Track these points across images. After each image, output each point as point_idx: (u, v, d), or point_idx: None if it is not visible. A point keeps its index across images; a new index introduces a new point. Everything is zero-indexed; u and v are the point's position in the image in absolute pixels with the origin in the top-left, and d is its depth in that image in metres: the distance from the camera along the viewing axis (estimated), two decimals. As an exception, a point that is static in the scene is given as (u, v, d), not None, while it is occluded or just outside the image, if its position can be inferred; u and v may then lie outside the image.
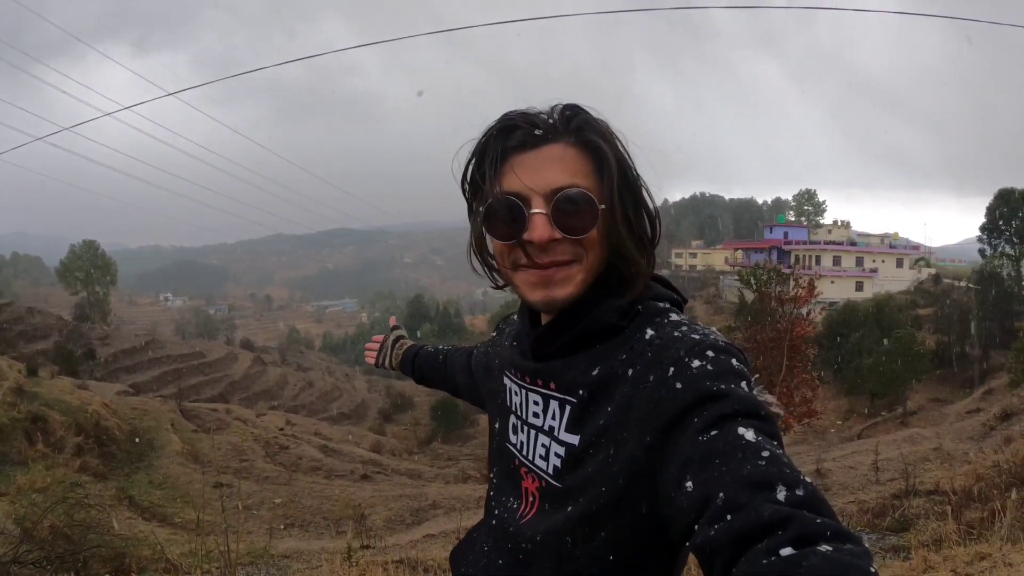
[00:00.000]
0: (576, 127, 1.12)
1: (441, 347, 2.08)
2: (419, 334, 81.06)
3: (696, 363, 0.99)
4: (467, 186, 1.19)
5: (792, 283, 22.39)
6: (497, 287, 1.26)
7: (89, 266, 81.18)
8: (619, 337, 1.13)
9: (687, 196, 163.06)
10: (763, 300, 23.38)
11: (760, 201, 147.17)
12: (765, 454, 0.85)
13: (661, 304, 1.17)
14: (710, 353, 1.00)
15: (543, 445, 1.18)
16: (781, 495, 0.79)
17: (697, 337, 1.04)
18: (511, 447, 1.29)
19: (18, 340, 44.37)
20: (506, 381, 1.34)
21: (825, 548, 0.72)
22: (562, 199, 1.08)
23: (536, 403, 1.21)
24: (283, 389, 50.55)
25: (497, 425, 1.38)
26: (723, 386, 0.95)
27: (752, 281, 24.14)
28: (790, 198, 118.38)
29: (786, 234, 71.29)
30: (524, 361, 1.25)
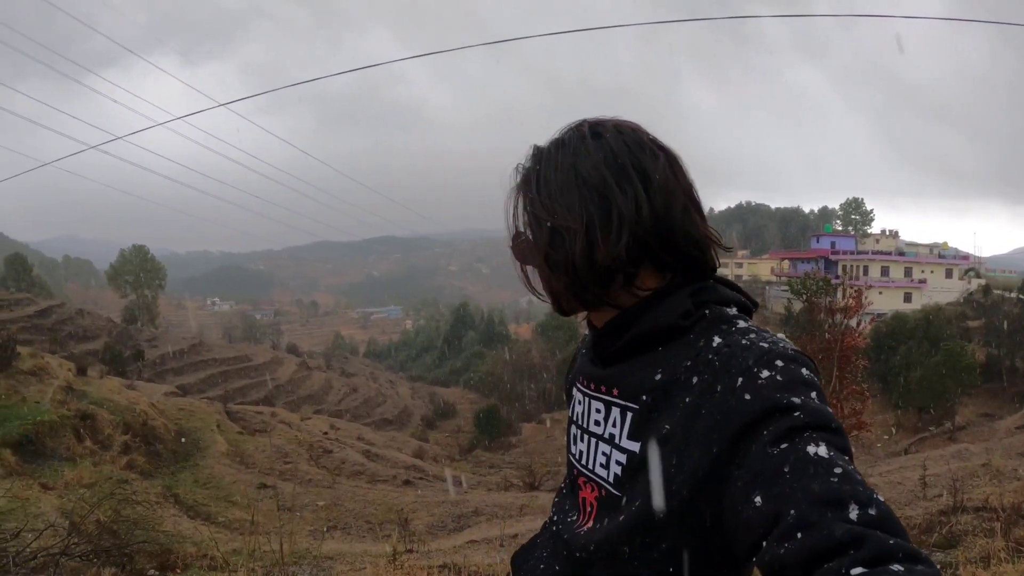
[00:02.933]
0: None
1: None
2: (463, 342, 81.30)
3: (765, 373, 0.95)
4: None
5: (841, 293, 22.12)
6: None
7: (138, 270, 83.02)
8: (683, 341, 1.08)
9: (732, 205, 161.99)
10: (812, 310, 23.10)
11: (807, 210, 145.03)
12: (837, 471, 0.83)
13: (729, 310, 1.13)
14: (779, 363, 0.97)
15: (604, 453, 1.15)
16: (853, 514, 0.78)
17: (766, 346, 1.00)
18: (572, 457, 1.28)
19: (68, 340, 45.28)
20: (574, 392, 1.31)
21: (896, 568, 0.72)
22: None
23: (598, 411, 1.19)
24: (327, 394, 51.00)
25: (566, 437, 1.36)
26: (793, 398, 0.92)
27: (802, 291, 23.84)
28: (837, 207, 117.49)
29: (833, 244, 70.42)
30: (592, 368, 1.23)
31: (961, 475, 11.79)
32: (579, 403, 1.27)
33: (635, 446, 1.08)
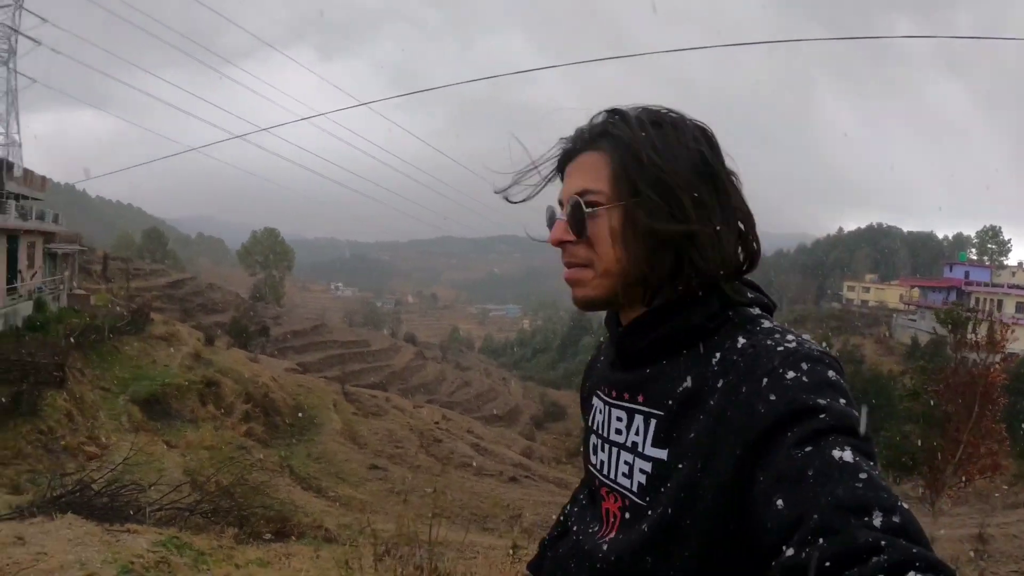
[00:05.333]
0: (599, 132, 1.11)
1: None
2: (579, 346, 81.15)
3: (791, 374, 0.93)
4: None
5: (990, 328, 21.12)
6: None
7: (268, 251, 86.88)
8: (709, 343, 1.05)
9: (863, 226, 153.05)
10: (959, 344, 22.08)
11: (940, 236, 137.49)
12: (862, 476, 0.81)
13: (753, 310, 1.10)
14: (805, 364, 0.94)
15: (626, 462, 1.11)
16: (877, 521, 0.76)
17: (792, 346, 0.97)
18: (592, 468, 1.22)
19: (198, 311, 47.57)
20: (594, 401, 1.25)
21: None
22: (569, 203, 1.10)
23: (619, 419, 1.14)
24: (441, 385, 51.69)
25: (583, 449, 1.30)
26: (819, 400, 0.90)
27: (949, 322, 22.86)
28: (972, 234, 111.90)
29: (967, 274, 66.72)
30: (614, 373, 1.18)
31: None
32: (599, 412, 1.22)
33: (661, 453, 1.04)
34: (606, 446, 1.17)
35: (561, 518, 1.47)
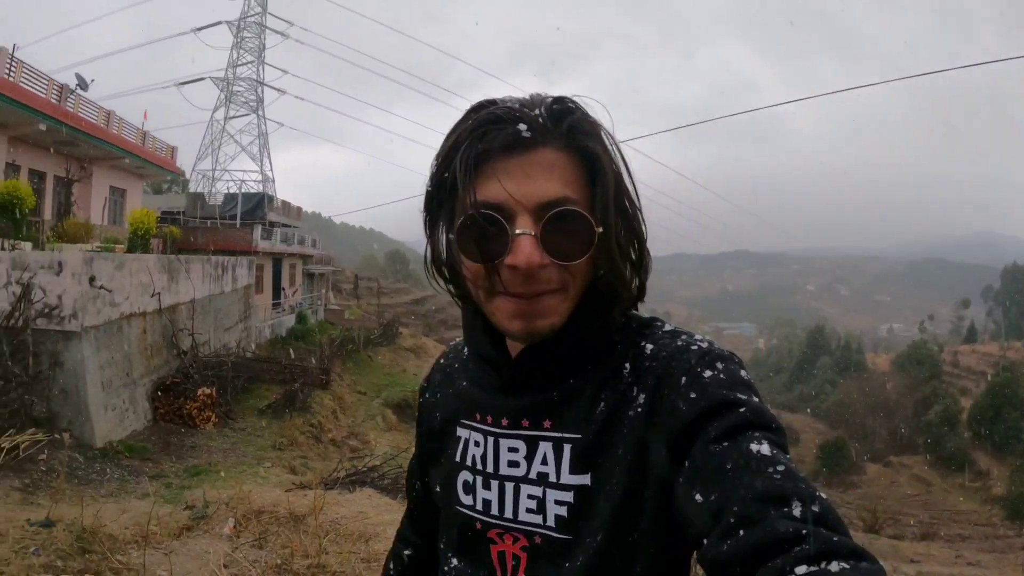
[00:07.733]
0: (569, 127, 0.97)
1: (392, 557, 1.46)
2: (816, 367, 77.68)
3: (708, 373, 0.94)
4: (431, 189, 1.02)
5: None
6: (459, 304, 1.12)
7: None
8: (613, 355, 1.04)
9: None
10: None
11: None
12: (780, 468, 0.81)
13: (642, 314, 1.10)
14: (719, 364, 0.95)
15: (531, 496, 1.03)
16: (796, 511, 0.75)
17: (705, 346, 0.98)
18: (463, 510, 1.11)
19: (440, 327, 52.92)
20: (460, 432, 1.15)
21: (840, 566, 0.69)
22: (554, 218, 0.93)
23: (514, 450, 1.06)
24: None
25: (439, 490, 1.19)
26: (738, 395, 0.90)
27: None
28: None
29: None
30: (497, 399, 1.09)
31: None
32: (475, 445, 1.11)
33: (583, 479, 1.00)
34: (492, 482, 1.07)
35: None
